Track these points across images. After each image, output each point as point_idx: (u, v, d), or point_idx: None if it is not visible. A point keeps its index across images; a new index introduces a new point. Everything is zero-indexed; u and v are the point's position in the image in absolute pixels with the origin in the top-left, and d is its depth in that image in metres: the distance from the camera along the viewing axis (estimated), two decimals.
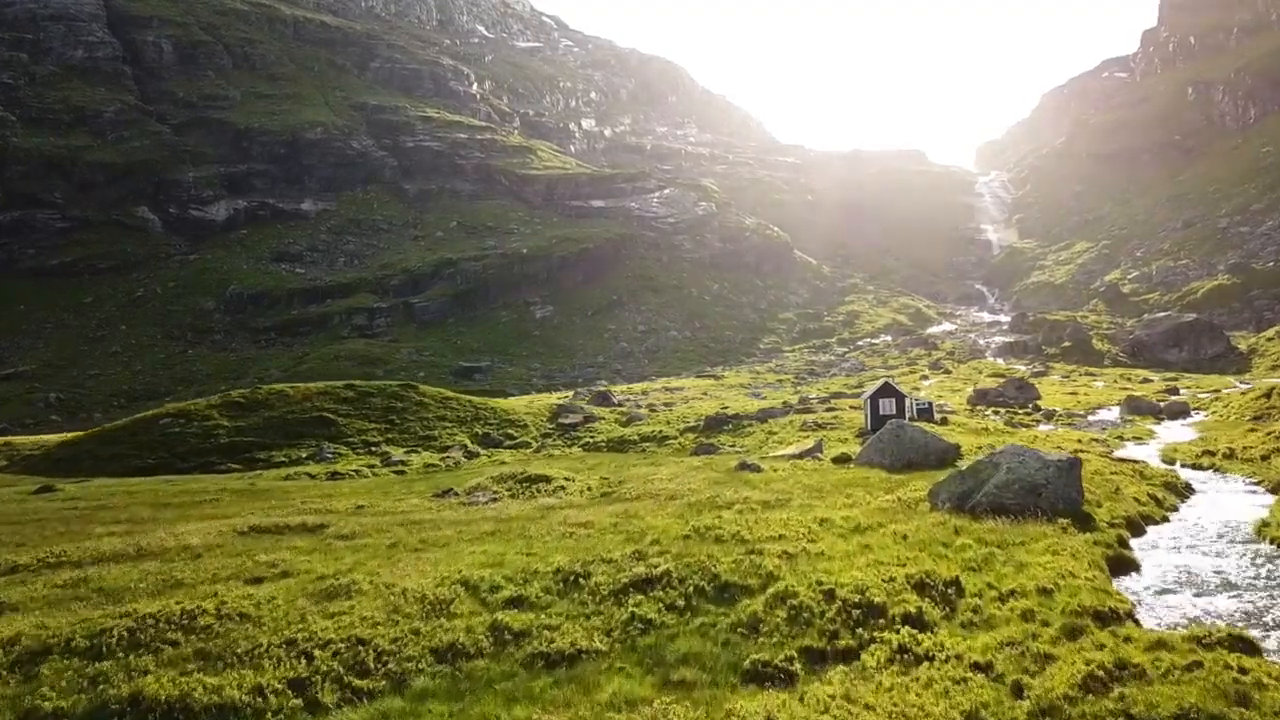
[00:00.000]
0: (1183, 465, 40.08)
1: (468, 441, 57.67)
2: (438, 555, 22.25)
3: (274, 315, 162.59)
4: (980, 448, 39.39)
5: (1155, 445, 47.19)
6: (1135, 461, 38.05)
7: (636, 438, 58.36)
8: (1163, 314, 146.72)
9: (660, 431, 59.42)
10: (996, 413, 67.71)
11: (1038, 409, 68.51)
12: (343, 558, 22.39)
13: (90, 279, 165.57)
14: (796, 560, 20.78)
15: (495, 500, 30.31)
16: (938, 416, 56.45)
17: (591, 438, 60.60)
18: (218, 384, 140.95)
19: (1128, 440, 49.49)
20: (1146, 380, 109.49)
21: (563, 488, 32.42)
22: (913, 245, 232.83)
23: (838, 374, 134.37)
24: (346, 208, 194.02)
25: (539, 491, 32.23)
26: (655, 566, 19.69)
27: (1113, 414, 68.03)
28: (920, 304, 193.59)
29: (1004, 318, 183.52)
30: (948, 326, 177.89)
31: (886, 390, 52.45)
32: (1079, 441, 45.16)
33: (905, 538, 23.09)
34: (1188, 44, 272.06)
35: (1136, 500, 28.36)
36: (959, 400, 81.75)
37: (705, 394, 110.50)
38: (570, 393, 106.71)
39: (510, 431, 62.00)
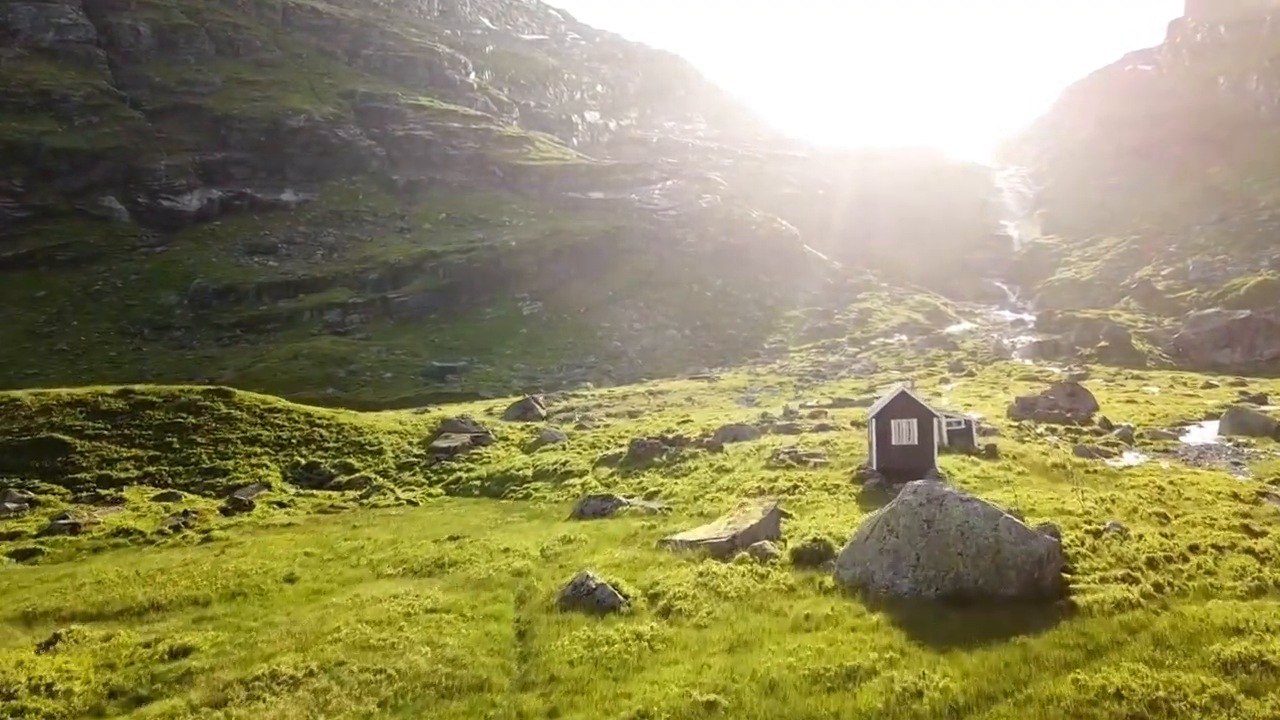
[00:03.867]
0: None
1: (276, 477, 39.43)
2: None
3: (240, 311, 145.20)
4: (1088, 522, 20.32)
5: None
6: None
7: (529, 473, 39.94)
8: (1211, 311, 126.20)
9: (564, 463, 40.90)
10: (1052, 430, 48.31)
11: (1108, 426, 48.81)
12: None
13: (47, 271, 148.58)
14: None
15: None
16: (980, 444, 37.09)
17: (467, 472, 42.20)
18: (168, 384, 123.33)
19: None
20: (1209, 385, 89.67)
21: None
22: (928, 242, 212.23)
23: (846, 376, 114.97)
24: (329, 199, 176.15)
25: None
26: None
27: (1207, 431, 48.66)
28: (937, 302, 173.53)
29: (1028, 316, 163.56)
30: (967, 325, 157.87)
31: (902, 405, 32.92)
32: (1236, 498, 25.77)
33: None
34: (1217, 34, 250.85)
35: None
36: (994, 410, 62.24)
37: (690, 399, 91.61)
38: (511, 399, 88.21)
39: (351, 461, 43.45)
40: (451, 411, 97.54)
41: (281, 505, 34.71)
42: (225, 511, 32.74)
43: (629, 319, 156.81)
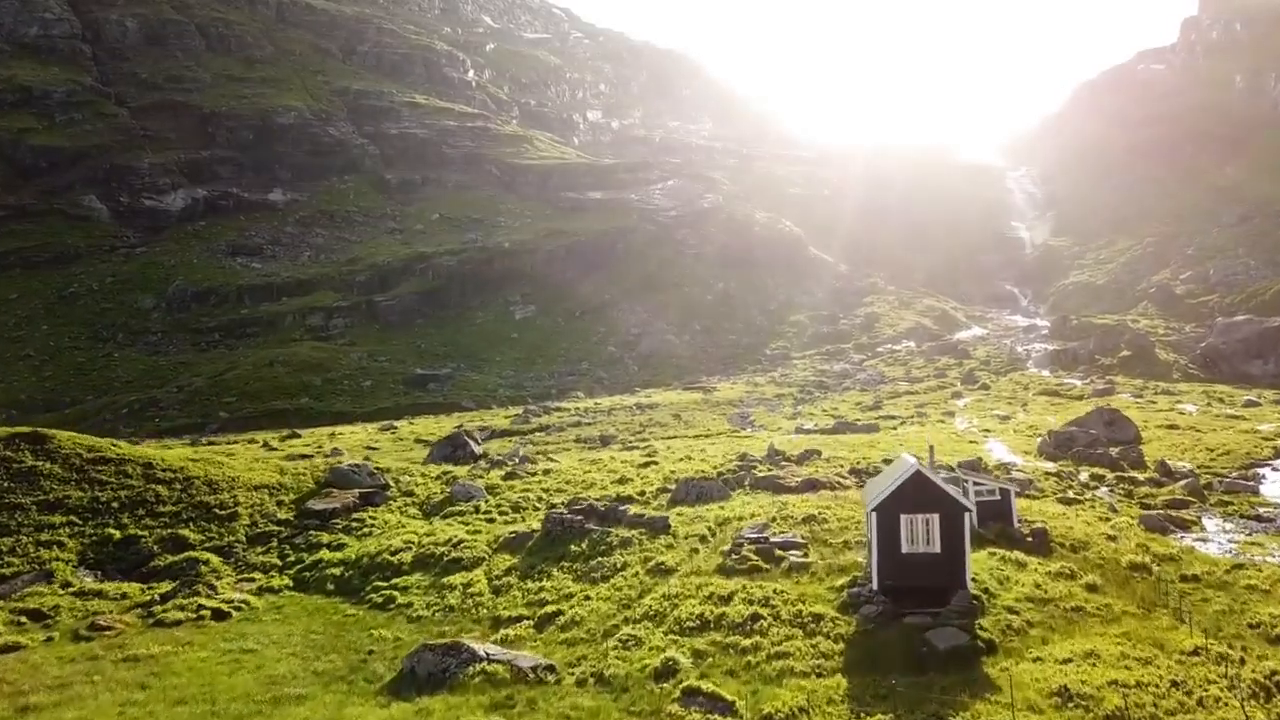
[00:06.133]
0: None
1: (68, 563, 29.72)
2: None
3: (220, 314, 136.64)
4: None
5: None
6: None
7: (408, 558, 30.43)
8: (1241, 319, 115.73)
9: (459, 544, 31.24)
10: (1100, 479, 38.42)
11: (1168, 472, 38.83)
12: None
13: (21, 273, 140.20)
14: None
15: None
16: (1022, 523, 27.08)
17: (333, 551, 32.77)
18: (135, 392, 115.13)
19: None
20: (1251, 403, 79.41)
21: None
22: (937, 243, 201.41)
23: (851, 387, 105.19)
24: (320, 198, 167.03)
25: None
26: None
27: None
28: (946, 306, 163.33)
29: (1041, 321, 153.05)
30: (978, 331, 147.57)
31: (917, 492, 22.04)
32: None
33: None
34: (1233, 31, 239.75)
35: None
36: (1021, 441, 52.37)
37: (678, 415, 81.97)
38: (496, 410, 79.57)
39: (187, 532, 33.82)
40: (423, 428, 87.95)
41: (36, 617, 24.90)
42: None
43: (627, 323, 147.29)
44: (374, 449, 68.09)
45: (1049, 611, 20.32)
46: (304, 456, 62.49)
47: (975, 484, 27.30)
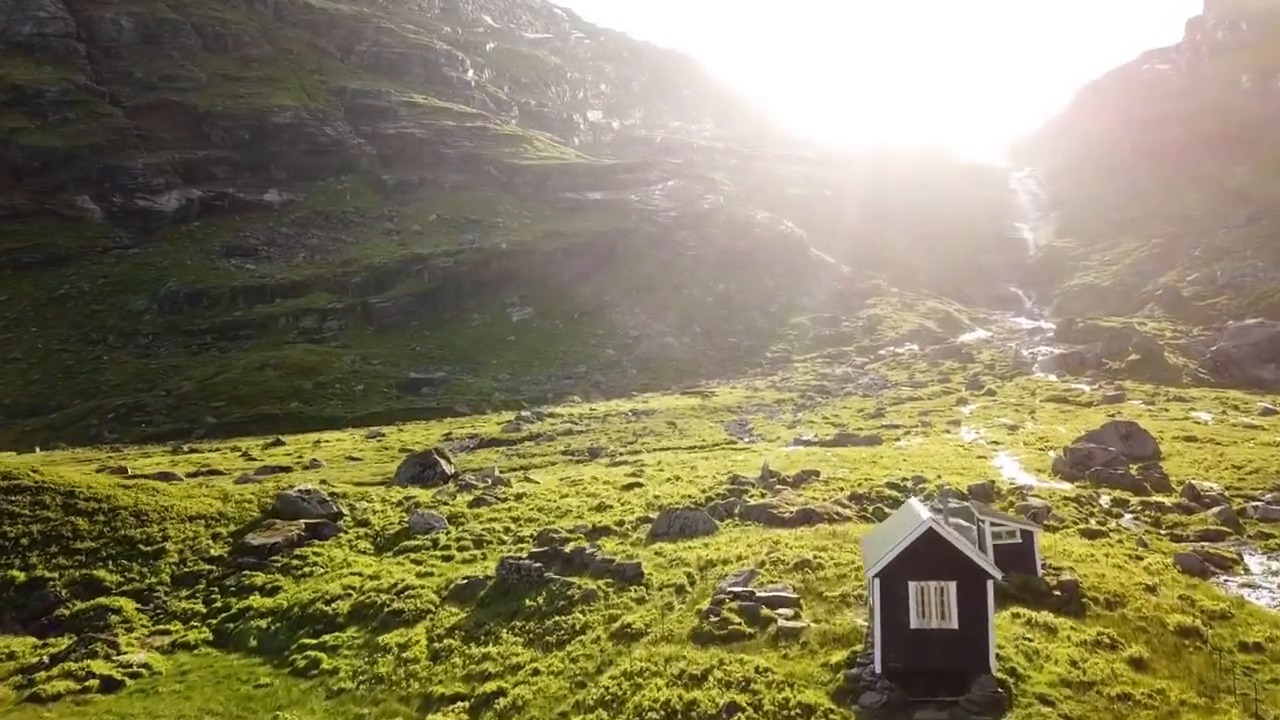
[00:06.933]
0: None
1: None
2: None
3: (212, 316, 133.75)
4: None
5: None
6: None
7: (344, 608, 27.24)
8: (1253, 322, 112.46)
9: (405, 591, 27.90)
10: (1123, 504, 35.25)
11: (1196, 496, 35.59)
12: None
13: (12, 274, 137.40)
14: None
15: None
16: (1046, 571, 23.67)
17: (264, 596, 29.55)
18: (122, 396, 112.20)
19: None
20: (1269, 411, 75.88)
21: None
22: (940, 244, 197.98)
23: (853, 392, 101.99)
24: (315, 199, 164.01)
25: None
26: None
27: None
28: (950, 308, 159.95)
29: (1046, 324, 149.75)
30: (982, 334, 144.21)
31: (928, 555, 18.03)
32: None
33: None
34: (1239, 31, 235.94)
35: None
36: (1034, 458, 49.20)
37: (673, 422, 78.90)
38: (491, 415, 76.62)
39: (102, 573, 30.50)
40: (410, 436, 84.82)
41: None
42: None
43: (625, 326, 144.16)
44: (356, 459, 65.02)
45: (1091, 702, 16.75)
46: (282, 469, 59.52)
47: (993, 524, 23.69)
